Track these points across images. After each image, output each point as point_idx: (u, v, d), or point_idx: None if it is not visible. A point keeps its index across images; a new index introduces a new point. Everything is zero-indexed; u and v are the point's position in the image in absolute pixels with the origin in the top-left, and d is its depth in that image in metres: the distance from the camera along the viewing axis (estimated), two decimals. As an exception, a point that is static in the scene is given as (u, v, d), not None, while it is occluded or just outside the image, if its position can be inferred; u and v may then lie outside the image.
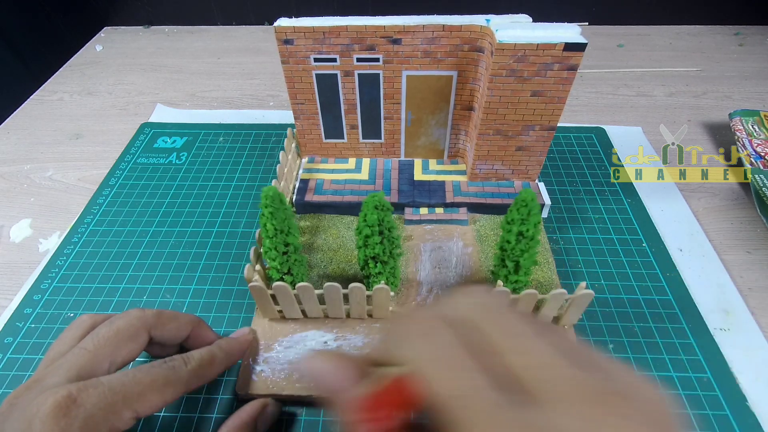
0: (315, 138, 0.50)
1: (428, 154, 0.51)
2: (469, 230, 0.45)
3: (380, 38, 0.41)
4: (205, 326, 0.34)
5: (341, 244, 0.44)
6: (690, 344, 0.38)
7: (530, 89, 0.39)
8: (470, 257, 0.43)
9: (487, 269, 0.42)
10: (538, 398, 0.13)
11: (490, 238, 0.44)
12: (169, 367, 0.27)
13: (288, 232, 0.36)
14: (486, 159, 0.46)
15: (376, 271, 0.36)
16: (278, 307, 0.37)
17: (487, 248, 0.44)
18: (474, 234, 0.45)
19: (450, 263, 0.42)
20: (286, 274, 0.37)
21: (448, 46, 0.41)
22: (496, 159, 0.46)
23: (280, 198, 0.35)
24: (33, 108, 0.69)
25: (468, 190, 0.48)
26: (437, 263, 0.42)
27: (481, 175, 0.48)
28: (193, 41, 0.84)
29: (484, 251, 0.43)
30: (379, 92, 0.45)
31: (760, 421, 0.33)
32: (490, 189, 0.48)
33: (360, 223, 0.35)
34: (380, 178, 0.49)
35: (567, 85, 0.39)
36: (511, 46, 0.37)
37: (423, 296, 0.40)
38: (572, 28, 0.37)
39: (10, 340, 0.39)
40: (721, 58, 0.74)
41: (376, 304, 0.36)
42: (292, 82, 0.45)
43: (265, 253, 0.36)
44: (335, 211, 0.47)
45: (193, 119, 0.64)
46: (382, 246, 0.34)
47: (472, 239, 0.44)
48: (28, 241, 0.49)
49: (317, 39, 0.41)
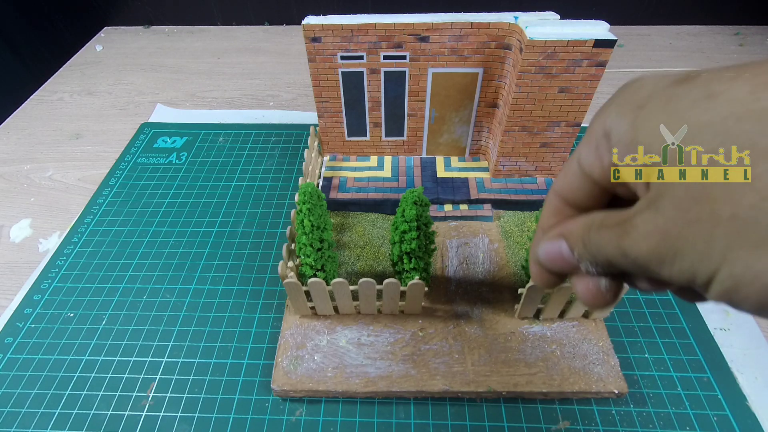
0: (338, 136, 0.50)
1: (450, 152, 0.51)
2: (493, 226, 0.45)
3: (408, 36, 0.41)
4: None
5: (367, 241, 0.44)
6: (690, 344, 0.38)
7: (558, 86, 0.40)
8: (497, 253, 0.43)
9: (514, 265, 0.42)
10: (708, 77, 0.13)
11: (515, 234, 0.44)
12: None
13: (324, 229, 0.36)
14: (510, 155, 0.46)
15: (410, 266, 0.36)
16: (311, 304, 0.37)
17: (512, 244, 0.44)
18: (499, 230, 0.45)
19: (477, 259, 0.42)
20: (319, 271, 0.37)
21: (475, 43, 0.41)
22: (520, 155, 0.46)
23: (318, 194, 0.35)
24: (33, 108, 0.69)
25: (492, 187, 0.48)
26: (464, 259, 0.42)
27: (504, 171, 0.48)
28: (193, 41, 0.84)
29: (510, 247, 0.43)
30: (404, 90, 0.45)
31: (760, 421, 0.33)
32: (513, 185, 0.48)
33: (397, 218, 0.35)
34: (403, 176, 0.49)
35: (595, 82, 0.39)
36: (542, 43, 0.37)
37: (451, 291, 0.40)
38: (600, 24, 0.37)
39: (10, 340, 0.39)
40: (721, 58, 0.74)
41: (409, 299, 0.36)
42: (317, 80, 0.45)
43: (300, 250, 0.36)
44: (359, 208, 0.47)
45: (193, 119, 0.64)
46: (419, 241, 0.34)
47: (497, 235, 0.44)
48: (28, 241, 0.49)
49: (345, 37, 0.41)
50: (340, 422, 0.34)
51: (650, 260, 0.14)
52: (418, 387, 0.34)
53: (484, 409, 0.35)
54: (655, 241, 0.13)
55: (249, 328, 0.40)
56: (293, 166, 0.55)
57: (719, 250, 0.12)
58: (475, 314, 0.38)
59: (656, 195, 0.14)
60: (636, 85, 0.15)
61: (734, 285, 0.12)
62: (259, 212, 0.50)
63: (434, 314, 0.39)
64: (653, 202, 0.14)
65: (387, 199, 0.46)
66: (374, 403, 0.35)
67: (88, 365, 0.38)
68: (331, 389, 0.34)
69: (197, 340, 0.39)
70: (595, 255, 0.16)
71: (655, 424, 0.33)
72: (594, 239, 0.16)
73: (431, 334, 0.37)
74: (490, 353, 0.36)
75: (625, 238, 0.14)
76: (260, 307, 0.41)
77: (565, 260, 0.18)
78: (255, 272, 0.44)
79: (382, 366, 0.35)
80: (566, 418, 0.34)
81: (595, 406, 0.34)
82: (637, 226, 0.14)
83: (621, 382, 0.34)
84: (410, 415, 0.34)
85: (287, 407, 0.35)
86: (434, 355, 0.36)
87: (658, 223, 0.13)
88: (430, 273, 0.38)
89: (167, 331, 0.40)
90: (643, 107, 0.14)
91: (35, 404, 0.36)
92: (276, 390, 0.34)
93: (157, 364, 0.38)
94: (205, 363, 0.38)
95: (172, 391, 0.36)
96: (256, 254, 0.46)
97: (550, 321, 0.38)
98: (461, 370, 0.35)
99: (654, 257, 0.14)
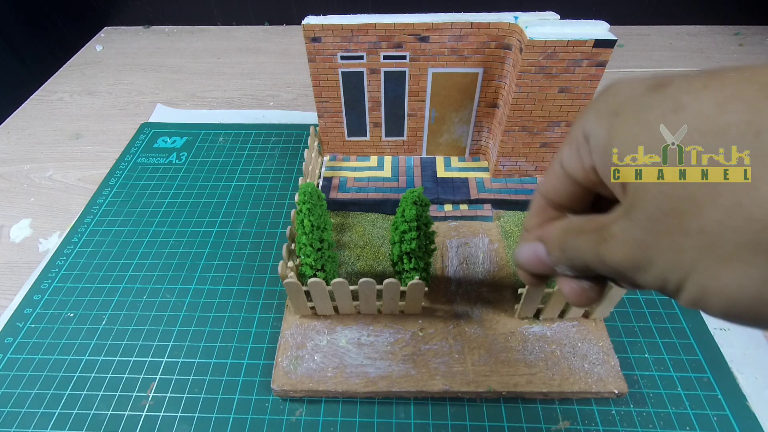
0: (338, 136, 0.50)
1: (450, 152, 0.51)
2: (493, 226, 0.45)
3: (408, 36, 0.41)
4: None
5: (367, 241, 0.44)
6: (690, 344, 0.38)
7: (558, 86, 0.40)
8: (497, 253, 0.43)
9: (514, 265, 0.42)
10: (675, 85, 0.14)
11: (515, 234, 0.44)
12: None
13: (324, 229, 0.36)
14: (510, 155, 0.46)
15: (410, 266, 0.36)
16: (311, 304, 0.37)
17: (513, 244, 0.44)
18: (499, 230, 0.45)
19: (477, 259, 0.42)
20: (319, 271, 0.37)
21: (475, 43, 0.41)
22: (520, 155, 0.46)
23: (318, 194, 0.35)
24: (33, 108, 0.69)
25: (492, 187, 0.48)
26: (464, 259, 0.42)
27: (504, 171, 0.48)
28: (193, 41, 0.84)
29: (510, 247, 0.43)
30: (404, 90, 0.45)
31: (760, 421, 0.33)
32: (513, 185, 0.48)
33: (397, 218, 0.35)
34: (403, 176, 0.49)
35: (595, 82, 0.39)
36: (542, 43, 0.37)
37: (451, 291, 0.40)
38: (600, 24, 0.37)
39: (10, 340, 0.39)
40: (721, 58, 0.74)
41: (409, 299, 0.36)
42: (317, 80, 0.45)
43: (300, 250, 0.36)
44: (359, 208, 0.47)
45: (193, 119, 0.64)
46: (419, 241, 0.34)
47: (497, 235, 0.44)
48: (28, 241, 0.49)
49: (345, 37, 0.41)
50: (340, 422, 0.34)
51: (626, 267, 0.14)
52: (418, 387, 0.34)
53: (484, 409, 0.35)
54: (631, 249, 0.14)
55: (249, 328, 0.40)
56: (293, 166, 0.55)
57: (688, 261, 0.13)
58: (475, 314, 0.38)
59: (631, 204, 0.14)
60: (612, 90, 0.16)
61: (701, 294, 0.13)
62: (259, 212, 0.50)
63: (434, 314, 0.39)
64: (629, 211, 0.14)
65: (387, 199, 0.46)
66: (374, 403, 0.35)
67: (88, 365, 0.38)
68: (331, 389, 0.34)
69: (197, 340, 0.39)
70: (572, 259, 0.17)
71: (655, 424, 0.33)
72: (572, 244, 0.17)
73: (431, 334, 0.37)
74: (490, 353, 0.36)
75: (603, 245, 0.15)
76: (260, 307, 0.41)
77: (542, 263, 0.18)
78: (255, 272, 0.44)
79: (382, 366, 0.35)
80: (566, 418, 0.34)
81: (595, 406, 0.34)
82: (614, 235, 0.15)
83: (621, 382, 0.34)
84: (410, 415, 0.34)
85: (287, 407, 0.35)
86: (434, 355, 0.36)
87: (633, 232, 0.14)
88: (430, 273, 0.38)
89: (167, 331, 0.40)
90: (617, 114, 0.15)
91: (35, 404, 0.36)
92: (276, 390, 0.34)
93: (157, 364, 0.38)
94: (205, 363, 0.38)
95: (172, 391, 0.36)
96: (256, 254, 0.46)
97: (550, 321, 0.38)
98: (461, 370, 0.35)
99: (629, 265, 0.14)
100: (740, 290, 0.12)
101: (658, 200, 0.13)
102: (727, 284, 0.12)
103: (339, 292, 0.35)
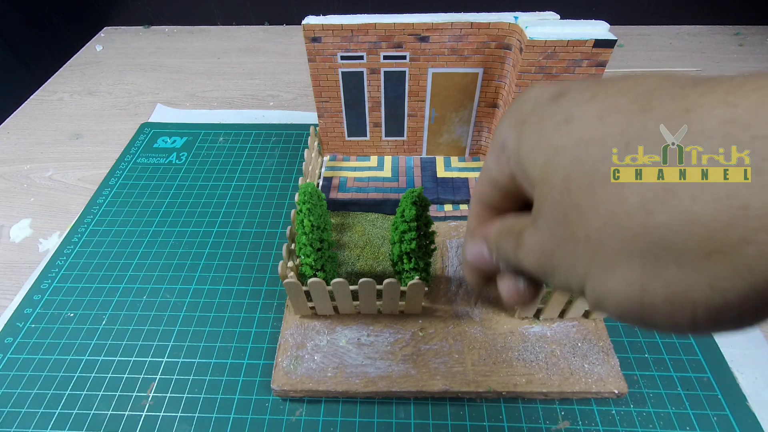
0: (338, 136, 0.50)
1: (450, 152, 0.51)
2: None
3: (408, 36, 0.41)
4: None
5: (367, 241, 0.44)
6: (690, 344, 0.38)
7: None
8: None
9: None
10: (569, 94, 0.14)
11: None
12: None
13: (324, 229, 0.36)
14: None
15: (410, 266, 0.36)
16: (311, 304, 0.37)
17: None
18: None
19: None
20: (319, 271, 0.37)
21: (475, 43, 0.41)
22: None
23: (318, 194, 0.35)
24: (33, 108, 0.69)
25: None
26: None
27: None
28: (193, 41, 0.84)
29: None
30: (404, 90, 0.45)
31: (760, 421, 0.33)
32: None
33: (397, 218, 0.35)
34: (403, 176, 0.49)
35: None
36: (542, 43, 0.37)
37: (452, 291, 0.40)
38: (600, 24, 0.37)
39: (10, 340, 0.39)
40: (721, 58, 0.74)
41: (409, 299, 0.36)
42: (317, 80, 0.45)
43: (300, 250, 0.36)
44: (359, 208, 0.47)
45: (193, 119, 0.64)
46: (419, 241, 0.34)
47: None
48: (28, 241, 0.49)
49: (345, 37, 0.41)
50: (340, 422, 0.34)
51: (537, 272, 0.15)
52: (418, 387, 0.34)
53: (484, 409, 0.35)
54: (537, 256, 0.15)
55: (249, 328, 0.40)
56: (293, 166, 0.55)
57: (582, 268, 0.13)
58: (475, 314, 0.38)
59: (536, 211, 0.14)
60: (523, 98, 0.16)
61: (598, 299, 0.13)
62: (259, 212, 0.50)
63: (434, 314, 0.39)
64: (534, 219, 0.15)
65: (387, 199, 0.46)
66: (374, 403, 0.35)
67: (88, 365, 0.38)
68: (331, 389, 0.34)
69: (197, 340, 0.39)
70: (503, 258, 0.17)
71: (655, 424, 0.33)
72: (501, 245, 0.17)
73: (431, 334, 0.37)
74: (490, 353, 0.36)
75: (519, 249, 0.16)
76: (260, 307, 0.41)
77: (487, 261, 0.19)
78: (255, 272, 0.44)
79: (382, 366, 0.35)
80: (566, 418, 0.34)
81: (595, 406, 0.34)
82: (524, 241, 0.15)
83: (621, 382, 0.34)
84: (410, 415, 0.34)
85: (287, 407, 0.35)
86: (434, 355, 0.36)
87: (537, 239, 0.15)
88: (430, 273, 0.38)
89: (167, 331, 0.40)
90: (524, 123, 0.15)
91: (35, 404, 0.36)
92: (276, 390, 0.35)
93: (157, 364, 0.38)
94: (205, 363, 0.38)
95: (172, 391, 0.36)
96: (256, 254, 0.46)
97: (550, 321, 0.38)
98: (461, 370, 0.35)
99: (539, 269, 0.15)
100: (624, 296, 0.12)
101: (553, 209, 0.13)
102: (612, 290, 0.12)
103: (339, 292, 0.35)
